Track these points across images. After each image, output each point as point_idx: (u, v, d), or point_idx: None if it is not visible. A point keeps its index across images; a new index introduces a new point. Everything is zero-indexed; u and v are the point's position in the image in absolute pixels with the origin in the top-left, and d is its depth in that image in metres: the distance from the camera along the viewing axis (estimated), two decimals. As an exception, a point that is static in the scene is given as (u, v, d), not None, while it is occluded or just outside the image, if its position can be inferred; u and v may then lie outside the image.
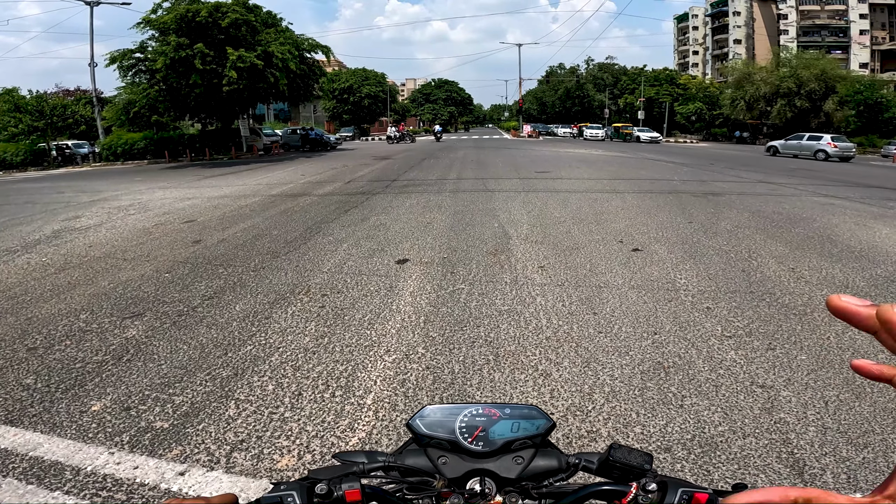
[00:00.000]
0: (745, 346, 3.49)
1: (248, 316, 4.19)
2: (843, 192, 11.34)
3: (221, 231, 7.56)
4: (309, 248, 6.42)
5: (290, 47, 26.12)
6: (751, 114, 43.90)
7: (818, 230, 7.08)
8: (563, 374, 3.14)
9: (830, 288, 4.68)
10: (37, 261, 6.24)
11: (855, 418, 2.63)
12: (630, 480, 0.70)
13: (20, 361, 3.44)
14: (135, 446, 2.46)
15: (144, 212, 9.69)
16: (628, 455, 0.72)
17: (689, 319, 3.96)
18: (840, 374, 3.10)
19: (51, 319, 4.24)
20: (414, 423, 0.80)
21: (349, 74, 63.78)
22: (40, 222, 9.01)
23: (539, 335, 3.72)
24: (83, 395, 2.96)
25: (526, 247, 6.25)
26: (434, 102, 79.19)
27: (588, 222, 7.64)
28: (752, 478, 2.20)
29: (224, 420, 2.67)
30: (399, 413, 2.73)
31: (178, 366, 3.32)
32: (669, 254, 5.87)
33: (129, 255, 6.31)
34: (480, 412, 0.80)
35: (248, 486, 2.17)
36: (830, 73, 39.43)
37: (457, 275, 5.19)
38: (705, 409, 2.73)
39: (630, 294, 4.57)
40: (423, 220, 8.01)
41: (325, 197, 10.83)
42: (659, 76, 62.68)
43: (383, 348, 3.55)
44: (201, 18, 23.42)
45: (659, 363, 3.26)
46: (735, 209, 8.72)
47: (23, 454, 2.40)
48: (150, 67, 24.54)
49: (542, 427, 0.79)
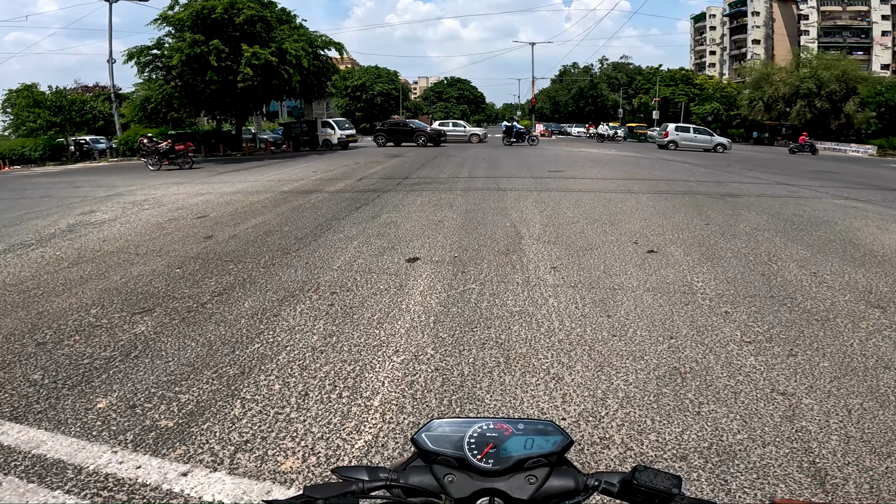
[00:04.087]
0: (765, 352, 3.38)
1: (257, 313, 4.16)
2: (864, 195, 11.09)
3: (233, 227, 7.56)
4: (319, 244, 6.39)
5: (303, 44, 26.16)
6: (769, 115, 43.36)
7: (840, 233, 6.91)
8: (576, 379, 3.06)
9: (854, 293, 4.54)
10: (51, 255, 6.28)
11: (879, 427, 2.53)
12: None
13: (29, 356, 3.43)
14: (138, 445, 2.42)
15: (158, 207, 9.74)
16: (654, 478, 0.65)
17: (707, 324, 3.86)
18: (864, 381, 2.99)
19: (61, 314, 4.24)
20: (419, 438, 0.74)
21: (362, 72, 63.99)
22: (56, 216, 9.08)
23: (551, 337, 3.64)
24: (89, 391, 2.94)
25: (538, 247, 6.16)
26: (446, 101, 79.16)
27: (602, 223, 7.53)
28: (771, 488, 2.12)
29: (229, 420, 2.63)
30: (406, 416, 2.67)
31: (186, 363, 3.29)
32: (686, 256, 5.75)
33: (142, 250, 6.32)
34: (491, 427, 0.74)
35: (251, 488, 2.12)
36: (851, 75, 38.87)
37: (468, 274, 5.12)
38: (723, 416, 2.64)
39: (645, 297, 4.47)
40: (434, 218, 7.95)
41: (336, 194, 10.82)
42: (674, 76, 62.11)
43: (392, 348, 3.49)
44: (217, 15, 23.52)
45: (675, 368, 3.17)
46: (754, 211, 8.56)
47: (25, 452, 2.37)
48: (167, 64, 24.74)
49: (558, 444, 0.72)
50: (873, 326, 3.81)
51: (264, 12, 25.08)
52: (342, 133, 30.25)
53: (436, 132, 31.28)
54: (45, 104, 32.55)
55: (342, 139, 29.93)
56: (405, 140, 31.06)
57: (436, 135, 30.84)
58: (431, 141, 30.19)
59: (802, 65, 42.13)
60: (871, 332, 3.70)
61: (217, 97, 25.90)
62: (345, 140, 30.03)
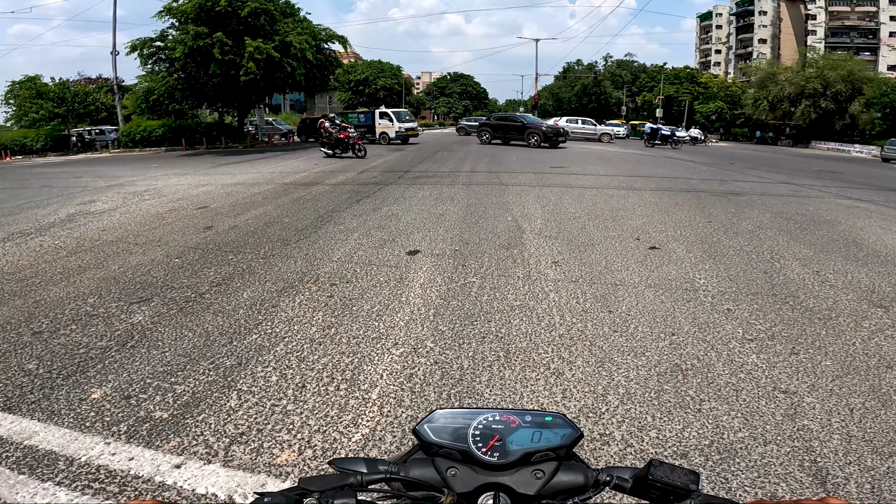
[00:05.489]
0: (767, 350, 3.35)
1: (256, 304, 4.13)
2: (867, 195, 11.04)
3: (233, 218, 7.53)
4: (319, 236, 6.35)
5: (307, 37, 26.09)
6: (773, 114, 43.21)
7: (843, 233, 6.87)
8: (576, 374, 3.02)
9: (856, 292, 4.50)
10: (49, 243, 6.25)
11: (881, 427, 2.51)
12: (672, 502, 0.60)
13: (24, 345, 3.41)
14: (132, 437, 2.39)
15: (159, 197, 9.71)
16: (671, 473, 0.62)
17: (709, 321, 3.82)
18: (866, 381, 2.96)
19: (58, 303, 4.21)
20: (421, 430, 0.70)
21: (365, 66, 63.79)
22: (56, 206, 9.06)
23: (552, 332, 3.61)
24: (84, 382, 2.91)
25: (539, 241, 6.12)
26: (449, 96, 78.86)
27: (604, 218, 7.49)
28: (772, 487, 2.09)
29: (225, 411, 2.60)
30: (405, 409, 2.64)
31: (182, 353, 3.27)
32: (688, 253, 5.71)
33: (141, 240, 6.29)
34: (497, 419, 0.71)
35: (245, 481, 2.09)
36: (858, 75, 38.71)
37: (468, 268, 5.09)
38: (725, 414, 2.61)
39: (647, 293, 4.43)
40: (435, 211, 7.91)
41: (337, 186, 10.78)
42: (679, 74, 61.92)
43: (391, 341, 3.46)
44: (221, 7, 23.47)
45: (676, 365, 3.13)
46: (756, 209, 8.51)
47: (17, 443, 2.34)
48: (170, 56, 24.70)
49: (566, 437, 0.69)
50: (875, 326, 3.78)
51: (268, 5, 25.03)
52: (401, 126, 26.23)
53: (553, 130, 24.22)
54: (48, 96, 32.53)
55: (401, 133, 26.08)
56: (514, 138, 25.06)
57: (553, 134, 23.89)
58: (547, 141, 23.59)
59: (808, 65, 41.98)
60: (874, 332, 3.67)
61: (220, 90, 25.89)
62: (404, 134, 26.20)
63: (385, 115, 26.78)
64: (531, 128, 24.39)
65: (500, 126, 25.95)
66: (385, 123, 26.44)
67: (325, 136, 17.80)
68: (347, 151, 17.76)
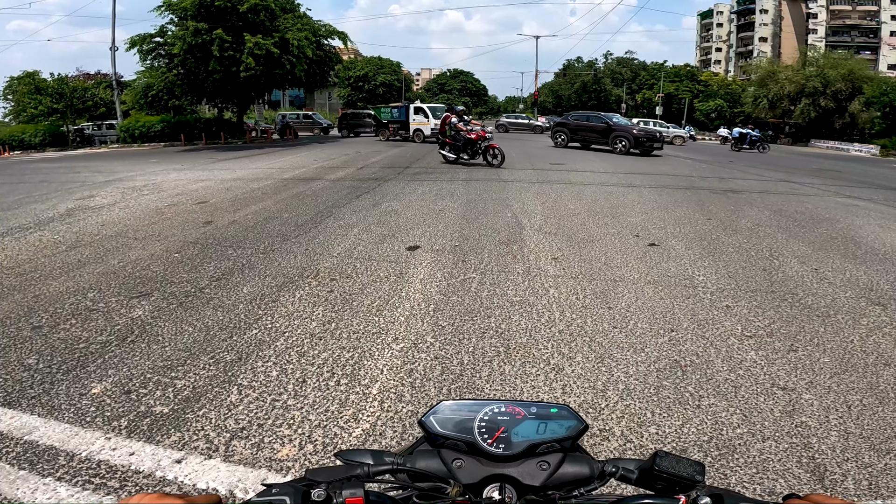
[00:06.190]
0: (765, 347, 3.36)
1: (256, 299, 4.13)
2: (866, 194, 11.04)
3: (233, 213, 7.52)
4: (319, 231, 6.35)
5: (307, 33, 26.00)
6: (773, 112, 43.13)
7: (841, 231, 6.87)
8: (576, 370, 3.03)
9: (854, 290, 4.51)
10: (49, 238, 6.24)
11: (878, 424, 2.52)
12: (677, 493, 0.61)
13: (24, 340, 3.41)
14: (132, 432, 2.39)
15: (158, 192, 9.70)
16: (676, 464, 0.62)
17: (708, 317, 3.83)
18: (864, 378, 2.97)
19: (58, 297, 4.21)
20: (427, 421, 0.71)
21: (364, 62, 63.67)
22: (55, 200, 9.04)
23: (551, 328, 3.61)
24: (84, 376, 2.91)
25: (539, 238, 6.12)
26: (449, 93, 78.77)
27: (603, 215, 7.49)
28: (770, 483, 2.10)
29: (225, 406, 2.61)
30: (405, 404, 2.64)
31: (182, 348, 3.27)
32: (687, 250, 5.72)
33: (141, 235, 6.29)
34: (503, 410, 0.71)
35: (246, 476, 2.09)
36: (858, 74, 38.59)
37: (468, 263, 5.09)
38: (723, 410, 2.62)
39: (646, 289, 4.44)
40: (434, 207, 7.91)
41: (336, 182, 10.77)
42: (679, 72, 61.85)
43: (391, 336, 3.46)
44: (220, 3, 23.35)
45: (676, 361, 3.14)
46: (756, 207, 8.51)
47: (17, 438, 2.34)
48: (169, 52, 24.62)
49: (572, 429, 0.69)
50: (874, 323, 3.79)
51: (268, 1, 24.90)
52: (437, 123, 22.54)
53: (647, 135, 19.61)
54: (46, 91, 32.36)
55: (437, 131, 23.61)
56: (597, 142, 20.76)
57: (646, 138, 19.31)
58: (638, 147, 19.09)
59: (809, 63, 41.87)
60: (872, 329, 3.68)
61: (219, 86, 25.80)
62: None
63: (420, 111, 24.86)
64: (618, 130, 19.88)
65: (580, 127, 21.74)
66: (420, 120, 24.64)
67: (451, 136, 13.96)
68: (476, 157, 13.82)
